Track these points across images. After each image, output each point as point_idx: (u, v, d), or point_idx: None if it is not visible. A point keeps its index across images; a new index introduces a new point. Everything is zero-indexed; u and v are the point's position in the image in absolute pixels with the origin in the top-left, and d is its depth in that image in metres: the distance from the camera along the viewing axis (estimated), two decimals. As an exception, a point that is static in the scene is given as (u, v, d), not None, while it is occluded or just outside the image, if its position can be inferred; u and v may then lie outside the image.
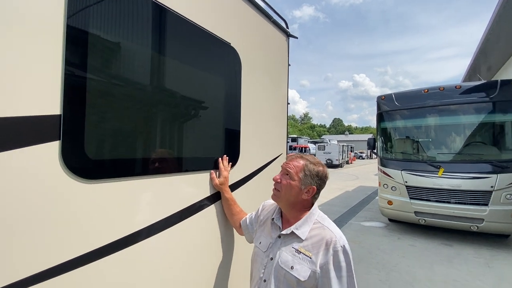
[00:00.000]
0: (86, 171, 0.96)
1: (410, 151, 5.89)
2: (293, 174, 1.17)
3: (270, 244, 1.21)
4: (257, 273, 1.21)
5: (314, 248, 1.09)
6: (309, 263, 1.07)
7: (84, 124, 0.96)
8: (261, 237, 1.28)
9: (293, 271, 1.07)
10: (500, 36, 9.05)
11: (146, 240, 1.15)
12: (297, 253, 1.10)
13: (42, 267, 0.83)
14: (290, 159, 1.24)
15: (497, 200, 4.64)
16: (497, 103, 5.02)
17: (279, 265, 1.11)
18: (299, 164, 1.19)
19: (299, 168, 1.18)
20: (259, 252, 1.24)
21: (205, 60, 1.50)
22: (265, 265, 1.18)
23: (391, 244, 5.08)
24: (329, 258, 1.05)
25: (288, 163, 1.21)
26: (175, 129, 1.36)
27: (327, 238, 1.09)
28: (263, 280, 1.17)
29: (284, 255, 1.12)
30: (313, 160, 1.22)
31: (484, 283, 3.58)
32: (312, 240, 1.11)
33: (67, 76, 0.91)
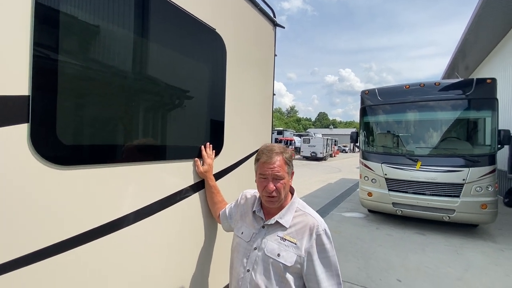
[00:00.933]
0: (57, 156, 0.91)
1: (390, 145, 6.09)
2: (283, 174, 1.16)
3: (253, 234, 1.21)
4: (239, 263, 1.21)
5: (298, 234, 1.14)
6: (295, 249, 1.11)
7: (56, 107, 0.90)
8: (242, 228, 1.28)
9: (279, 258, 1.10)
10: (478, 36, 9.43)
11: (125, 229, 1.12)
12: (282, 240, 1.14)
13: (10, 256, 0.79)
14: (269, 164, 1.16)
15: (468, 192, 4.93)
16: (472, 101, 5.26)
17: (266, 254, 1.13)
18: (280, 161, 1.17)
19: (283, 165, 1.18)
20: (242, 242, 1.24)
21: (188, 45, 1.45)
22: (249, 255, 1.18)
23: (369, 233, 5.29)
24: (313, 242, 1.11)
25: (273, 168, 1.15)
26: (155, 116, 1.32)
27: (310, 224, 1.14)
28: (246, 270, 1.17)
29: (270, 244, 1.14)
30: (282, 149, 1.22)
31: (453, 269, 3.83)
32: (296, 227, 1.16)
33: (36, 55, 0.85)
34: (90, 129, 1.04)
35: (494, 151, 5.03)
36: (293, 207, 1.21)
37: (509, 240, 5.00)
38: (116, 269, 1.10)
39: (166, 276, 1.35)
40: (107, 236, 1.05)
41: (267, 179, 1.16)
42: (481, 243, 4.82)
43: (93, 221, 1.00)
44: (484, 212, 4.85)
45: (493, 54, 10.49)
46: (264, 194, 1.17)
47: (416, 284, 3.39)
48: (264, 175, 1.17)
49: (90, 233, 0.98)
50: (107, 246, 1.05)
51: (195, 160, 1.48)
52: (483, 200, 4.84)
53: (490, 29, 8.82)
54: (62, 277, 0.92)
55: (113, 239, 1.07)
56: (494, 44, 9.99)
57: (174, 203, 1.36)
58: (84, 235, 0.97)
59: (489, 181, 4.87)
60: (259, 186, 1.21)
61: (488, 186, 4.87)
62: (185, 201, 1.44)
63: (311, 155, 26.45)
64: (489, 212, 4.85)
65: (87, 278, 1.00)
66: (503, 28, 8.74)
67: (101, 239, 1.02)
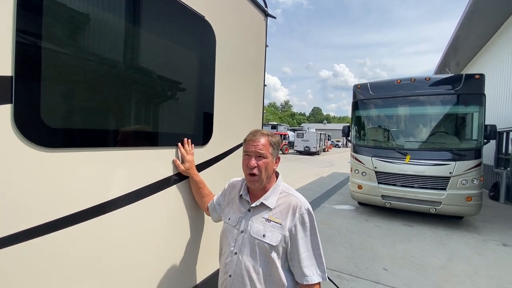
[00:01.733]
0: (42, 138, 0.90)
1: (381, 139, 6.19)
2: (266, 153, 1.20)
3: (240, 219, 1.24)
4: (227, 247, 1.24)
5: (283, 215, 1.17)
6: (279, 229, 1.15)
7: (40, 89, 0.90)
8: (229, 214, 1.31)
9: (265, 238, 1.14)
10: (469, 33, 9.55)
11: (109, 214, 1.12)
12: (268, 221, 1.17)
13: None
14: (253, 142, 1.22)
15: (454, 185, 5.07)
16: (460, 96, 5.37)
17: (251, 236, 1.16)
18: (265, 141, 1.22)
19: (267, 145, 1.22)
20: (229, 228, 1.27)
21: (176, 32, 1.44)
22: (235, 238, 1.21)
23: (358, 225, 5.41)
24: (296, 221, 1.15)
25: (256, 145, 1.20)
26: (140, 102, 1.31)
27: (293, 204, 1.19)
28: (233, 253, 1.20)
29: (256, 226, 1.18)
30: (269, 133, 1.27)
31: (438, 258, 3.96)
32: (280, 208, 1.19)
33: (19, 36, 0.84)
34: (75, 113, 1.04)
35: (480, 146, 5.17)
36: (277, 189, 1.25)
37: (492, 231, 5.19)
38: (100, 254, 1.10)
39: (152, 262, 1.36)
40: (90, 220, 1.05)
41: (250, 156, 1.20)
42: (465, 235, 4.98)
43: (77, 205, 1.01)
44: (469, 205, 5.01)
45: (484, 51, 10.67)
46: (246, 171, 1.21)
47: (401, 273, 3.50)
48: (248, 152, 1.22)
49: (72, 217, 0.98)
50: (90, 230, 1.05)
51: (173, 160, 1.44)
52: (468, 192, 5.00)
53: (481, 26, 8.95)
54: (43, 260, 0.92)
55: (97, 224, 1.07)
56: (484, 41, 10.16)
57: (161, 190, 1.37)
58: (66, 219, 0.97)
59: (474, 174, 5.02)
60: (243, 164, 1.24)
61: (474, 179, 5.02)
62: (172, 188, 1.45)
63: (304, 150, 26.62)
64: (474, 204, 5.01)
65: (68, 263, 1.00)
66: (493, 25, 8.88)
67: (84, 223, 1.02)
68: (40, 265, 0.91)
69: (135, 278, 1.27)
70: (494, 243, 4.60)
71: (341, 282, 3.21)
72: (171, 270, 1.45)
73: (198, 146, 1.64)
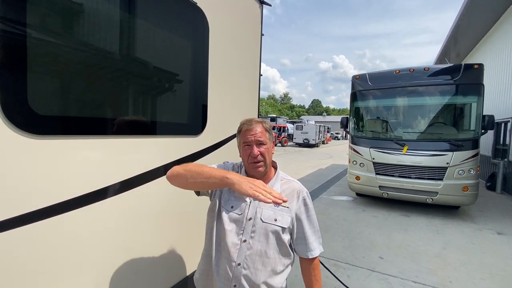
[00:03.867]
0: (29, 124, 0.90)
1: (379, 130, 6.19)
2: (265, 140, 1.23)
3: (246, 206, 1.22)
4: (233, 236, 1.19)
5: (288, 199, 1.24)
6: (288, 212, 1.24)
7: (26, 76, 0.89)
8: (230, 201, 1.25)
9: (277, 222, 1.20)
10: (470, 23, 9.43)
11: (94, 204, 1.11)
12: (276, 206, 1.21)
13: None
14: (250, 131, 1.21)
15: (451, 175, 5.10)
16: (459, 86, 5.34)
17: (263, 221, 1.19)
18: (262, 128, 1.24)
19: (264, 132, 1.24)
20: (233, 216, 1.22)
21: (166, 18, 1.42)
22: (243, 227, 1.19)
23: (356, 215, 5.46)
24: (300, 204, 1.27)
25: (255, 134, 1.21)
26: (131, 90, 1.30)
27: (296, 188, 1.29)
28: (242, 241, 1.18)
29: (266, 212, 1.21)
30: (261, 120, 1.29)
31: (433, 246, 4.02)
32: (286, 193, 1.26)
33: (2, 22, 0.82)
34: (63, 100, 1.03)
35: (478, 136, 5.17)
36: (279, 176, 1.32)
37: (487, 221, 5.25)
38: (86, 242, 1.10)
39: (142, 251, 1.36)
40: (78, 210, 1.05)
41: (250, 145, 1.20)
42: (461, 224, 5.04)
43: (65, 192, 1.01)
44: (465, 194, 5.05)
45: (484, 41, 10.56)
46: (250, 161, 1.21)
47: (397, 261, 3.56)
48: (247, 142, 1.21)
49: (61, 205, 0.99)
50: (79, 218, 1.05)
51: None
52: (465, 182, 5.03)
53: (482, 15, 8.83)
54: (31, 248, 0.92)
55: (82, 214, 1.06)
56: (485, 31, 10.04)
57: (153, 179, 1.37)
58: (54, 207, 0.97)
59: (471, 164, 5.04)
60: (244, 155, 1.24)
61: (470, 169, 5.04)
62: (163, 179, 1.44)
63: (303, 142, 26.62)
64: (470, 194, 5.05)
65: (56, 251, 1.00)
66: (494, 14, 8.76)
67: (71, 212, 1.02)
68: (28, 252, 0.92)
69: (126, 266, 1.28)
70: (489, 232, 4.66)
71: (337, 270, 3.26)
72: (161, 259, 1.46)
73: (192, 135, 1.64)
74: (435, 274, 3.25)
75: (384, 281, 3.07)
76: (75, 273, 1.06)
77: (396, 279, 3.13)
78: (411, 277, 3.17)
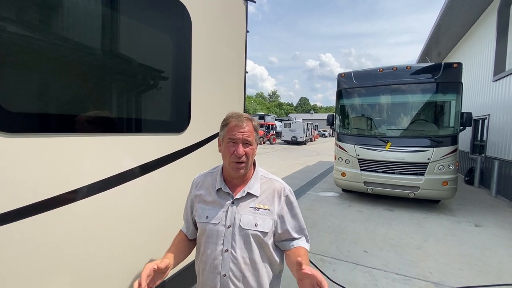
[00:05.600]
0: (2, 123, 0.86)
1: (363, 127, 6.32)
2: (252, 140, 1.13)
3: (222, 213, 1.15)
4: (213, 247, 1.13)
5: (269, 200, 1.17)
6: (269, 214, 1.15)
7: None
8: (205, 211, 1.18)
9: (258, 227, 1.12)
10: (450, 22, 9.75)
11: (71, 205, 1.07)
12: (256, 210, 1.14)
13: None
14: (239, 128, 1.11)
15: (432, 171, 5.29)
16: (439, 84, 5.53)
17: (242, 228, 1.11)
18: (251, 127, 1.14)
19: (252, 131, 1.14)
20: (210, 226, 1.15)
21: (146, 12, 1.38)
22: (223, 235, 1.13)
23: (342, 211, 5.57)
24: (283, 203, 1.18)
25: (243, 132, 1.11)
26: (109, 86, 1.26)
27: (277, 188, 1.20)
28: (224, 250, 1.12)
29: (245, 217, 1.13)
30: (251, 117, 1.18)
31: (414, 239, 4.17)
32: (266, 194, 1.18)
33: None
34: (35, 98, 0.99)
35: (456, 132, 5.38)
36: (258, 176, 1.21)
37: (466, 213, 5.49)
38: (61, 244, 1.06)
39: (119, 252, 1.32)
40: (52, 211, 1.01)
41: (236, 143, 1.11)
42: (441, 217, 5.25)
43: (38, 193, 0.97)
44: (445, 189, 5.26)
45: (464, 40, 10.97)
46: (233, 160, 1.11)
47: (381, 254, 3.66)
48: (233, 139, 1.11)
49: (32, 207, 0.95)
50: (49, 222, 1.00)
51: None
52: (444, 177, 5.23)
53: (462, 15, 9.15)
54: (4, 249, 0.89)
55: (56, 215, 1.02)
56: (465, 30, 10.42)
57: (132, 179, 1.33)
58: (26, 208, 0.93)
59: (450, 160, 5.24)
60: (226, 152, 1.13)
61: (450, 165, 5.25)
62: (143, 178, 1.40)
63: (291, 140, 26.85)
64: (450, 188, 5.26)
65: (28, 255, 0.97)
66: (472, 15, 9.10)
67: (45, 214, 0.98)
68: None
69: (102, 270, 1.23)
70: (467, 224, 4.87)
71: (324, 265, 3.32)
72: (141, 262, 1.41)
73: (175, 133, 1.61)
74: (417, 265, 3.37)
75: (368, 274, 3.16)
76: (47, 276, 1.03)
77: (379, 271, 3.22)
78: (394, 269, 3.27)
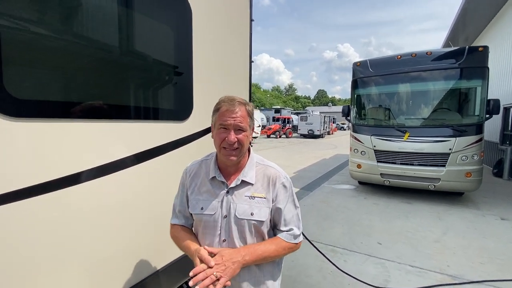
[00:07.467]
0: (8, 107, 0.93)
1: (380, 117, 6.10)
2: (245, 126, 1.08)
3: (217, 203, 1.12)
4: (211, 238, 1.12)
5: (265, 188, 1.13)
6: (265, 203, 1.12)
7: (1, 60, 0.91)
8: (200, 202, 1.15)
9: (253, 216, 1.09)
10: (478, 3, 9.07)
11: (70, 188, 1.11)
12: (252, 199, 1.11)
13: None
14: (231, 113, 1.06)
15: (454, 161, 5.02)
16: (463, 70, 5.19)
17: (238, 218, 1.09)
18: (244, 112, 1.08)
19: (245, 116, 1.09)
20: (205, 217, 1.13)
21: (147, 2, 1.42)
22: (220, 226, 1.11)
23: (357, 203, 5.46)
24: (278, 191, 1.14)
25: (235, 117, 1.06)
26: (112, 74, 1.32)
27: (273, 175, 1.15)
28: (222, 240, 1.11)
29: (241, 206, 1.10)
30: (245, 101, 1.13)
31: (433, 232, 4.00)
32: (261, 182, 1.14)
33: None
34: (40, 84, 1.06)
35: (481, 121, 5.06)
36: (253, 162, 1.18)
37: (492, 207, 5.18)
38: (61, 226, 1.11)
39: (119, 239, 1.36)
40: (54, 192, 1.06)
41: (228, 129, 1.06)
42: (463, 210, 4.99)
43: (43, 175, 1.03)
44: (468, 180, 4.98)
45: (493, 23, 10.17)
46: (224, 146, 1.07)
47: (395, 246, 3.56)
48: (225, 125, 1.06)
49: (36, 188, 1.00)
50: (51, 203, 1.05)
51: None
52: (468, 168, 4.95)
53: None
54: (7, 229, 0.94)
55: (57, 197, 1.07)
56: (494, 12, 9.65)
57: (129, 166, 1.36)
58: (30, 189, 0.98)
59: (475, 150, 4.95)
60: (217, 138, 1.09)
61: (474, 155, 4.95)
62: (148, 162, 1.46)
63: (308, 133, 26.50)
64: (473, 180, 4.97)
65: (29, 236, 1.01)
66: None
67: (47, 195, 1.03)
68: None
69: (100, 254, 1.27)
70: (492, 218, 4.60)
71: (334, 256, 3.29)
72: (136, 251, 1.44)
73: (177, 121, 1.65)
74: (433, 258, 3.25)
75: (380, 265, 3.09)
76: (49, 254, 1.10)
77: (393, 263, 3.14)
78: (408, 261, 3.18)
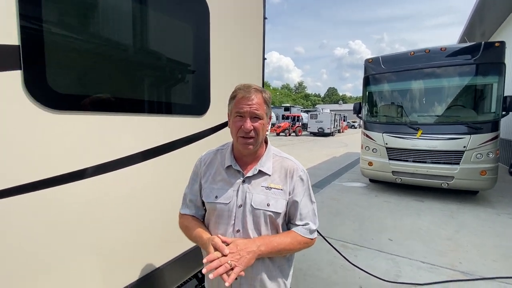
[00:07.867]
0: (50, 100, 1.03)
1: (392, 114, 6.04)
2: (261, 114, 1.06)
3: (233, 193, 1.11)
4: (225, 227, 1.10)
5: (282, 180, 1.12)
6: (282, 194, 1.10)
7: (44, 57, 1.01)
8: (214, 191, 1.13)
9: (270, 207, 1.08)
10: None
11: (103, 175, 1.22)
12: (268, 189, 1.10)
13: (6, 185, 0.93)
14: (247, 100, 1.04)
15: (468, 159, 4.94)
16: (478, 66, 5.08)
17: (254, 207, 1.07)
18: (260, 99, 1.06)
19: (262, 103, 1.07)
20: (220, 206, 1.11)
21: (167, 3, 1.51)
22: (234, 215, 1.09)
23: (368, 201, 5.45)
24: (296, 183, 1.13)
25: (251, 105, 1.04)
26: (137, 71, 1.41)
27: (290, 167, 1.15)
28: (236, 231, 1.09)
29: (257, 196, 1.09)
30: (261, 88, 1.11)
31: (445, 230, 3.98)
32: (278, 173, 1.13)
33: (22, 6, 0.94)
34: (78, 79, 1.16)
35: (497, 118, 4.95)
36: (270, 154, 1.17)
37: (507, 206, 5.07)
38: (94, 210, 1.22)
39: (146, 225, 1.47)
40: (91, 178, 1.17)
41: (244, 117, 1.04)
42: (477, 209, 4.91)
43: (78, 162, 1.14)
44: (483, 179, 4.89)
45: (510, 19, 9.82)
46: (240, 135, 1.06)
47: (406, 243, 3.57)
48: (240, 113, 1.04)
49: (72, 174, 1.11)
50: (86, 188, 1.17)
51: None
52: (482, 166, 4.86)
53: (509, -11, 8.20)
54: (40, 211, 1.04)
55: (94, 183, 1.19)
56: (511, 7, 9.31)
57: (155, 156, 1.47)
58: (67, 176, 1.09)
59: (490, 147, 4.85)
60: (233, 127, 1.08)
61: (489, 153, 4.86)
62: (170, 154, 1.56)
63: (318, 131, 26.33)
64: (488, 178, 4.88)
65: (62, 218, 1.11)
66: (523, -13, 8.10)
67: (84, 181, 1.15)
68: (36, 215, 1.03)
69: (121, 240, 1.35)
70: (508, 217, 4.51)
71: (345, 251, 3.33)
72: (153, 239, 1.52)
73: (196, 116, 1.75)
74: (445, 255, 3.24)
75: (391, 261, 3.12)
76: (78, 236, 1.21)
77: (404, 259, 3.16)
78: (420, 257, 3.19)
